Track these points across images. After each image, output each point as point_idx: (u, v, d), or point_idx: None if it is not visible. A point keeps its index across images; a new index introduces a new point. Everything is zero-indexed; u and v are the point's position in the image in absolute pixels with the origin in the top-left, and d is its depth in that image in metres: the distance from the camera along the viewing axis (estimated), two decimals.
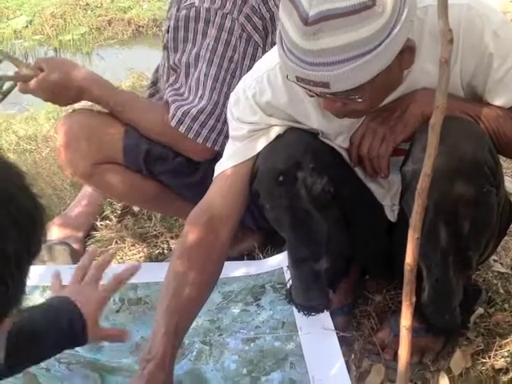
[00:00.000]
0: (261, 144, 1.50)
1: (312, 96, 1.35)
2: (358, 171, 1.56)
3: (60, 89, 1.80)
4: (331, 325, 1.64)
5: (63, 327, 1.30)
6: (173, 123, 1.76)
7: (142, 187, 1.90)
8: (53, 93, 1.81)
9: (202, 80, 1.77)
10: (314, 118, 1.49)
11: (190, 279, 1.47)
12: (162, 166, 1.86)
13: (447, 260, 1.46)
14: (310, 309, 1.67)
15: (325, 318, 1.65)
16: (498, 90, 1.40)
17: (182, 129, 1.76)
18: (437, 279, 1.49)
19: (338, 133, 1.52)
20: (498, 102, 1.41)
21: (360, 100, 1.30)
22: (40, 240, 0.73)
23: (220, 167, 1.54)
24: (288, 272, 1.76)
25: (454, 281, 1.50)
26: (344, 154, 1.54)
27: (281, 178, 1.47)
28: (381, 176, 1.49)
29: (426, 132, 1.08)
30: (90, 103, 1.92)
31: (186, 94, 1.78)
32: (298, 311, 1.68)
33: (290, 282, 1.70)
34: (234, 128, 1.53)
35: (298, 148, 1.47)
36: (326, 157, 1.51)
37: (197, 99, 1.77)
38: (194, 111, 1.76)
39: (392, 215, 1.61)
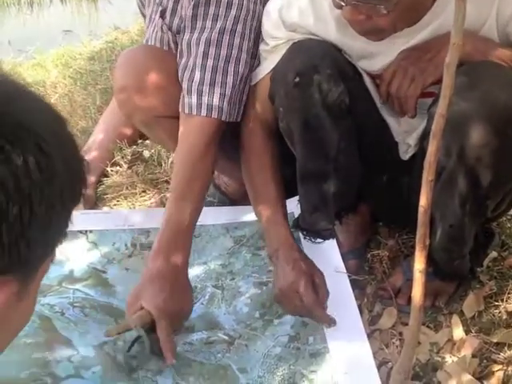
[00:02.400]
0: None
1: (339, 7, 1.36)
2: (376, 99, 1.55)
3: None
4: (343, 268, 1.64)
5: None
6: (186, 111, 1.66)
7: None
8: None
9: None
10: (337, 39, 1.50)
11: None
12: None
13: (464, 207, 1.44)
14: (315, 234, 1.66)
15: (337, 260, 1.64)
16: None
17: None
18: (450, 225, 1.47)
19: (360, 56, 1.52)
20: None
21: (385, 12, 1.31)
22: (81, 185, 0.72)
23: (257, 76, 1.65)
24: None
25: (467, 228, 1.49)
26: (365, 76, 1.53)
27: (297, 79, 1.46)
28: (408, 116, 1.48)
29: (457, 76, 1.07)
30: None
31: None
32: (304, 238, 1.67)
33: (299, 209, 1.69)
34: (262, 42, 1.61)
35: (317, 52, 1.48)
36: (346, 68, 1.51)
37: None
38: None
39: (405, 155, 1.60)
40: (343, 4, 1.35)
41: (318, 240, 1.67)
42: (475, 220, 1.49)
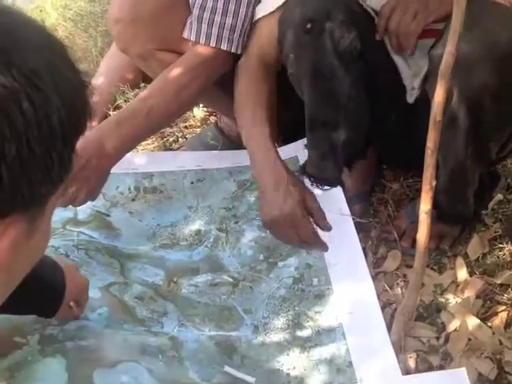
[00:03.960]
0: None
1: None
2: (388, 44, 1.51)
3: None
4: (348, 211, 1.63)
5: (42, 282, 1.22)
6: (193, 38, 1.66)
7: None
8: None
9: None
10: None
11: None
12: None
13: (466, 150, 1.43)
14: (323, 181, 1.65)
15: (342, 203, 1.64)
16: None
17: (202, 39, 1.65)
18: (452, 169, 1.46)
19: None
20: None
21: None
22: (85, 117, 0.69)
23: (259, 13, 1.61)
24: (302, 159, 1.74)
25: (470, 171, 1.48)
26: (376, 19, 1.49)
27: (308, 26, 1.43)
28: (407, 54, 1.45)
29: None
30: None
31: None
32: (311, 184, 1.67)
33: (306, 155, 1.68)
34: None
35: None
36: (358, 13, 1.47)
37: None
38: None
39: (411, 98, 1.57)
40: None
41: (326, 187, 1.66)
42: (478, 163, 1.48)
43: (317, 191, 1.62)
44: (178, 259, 1.65)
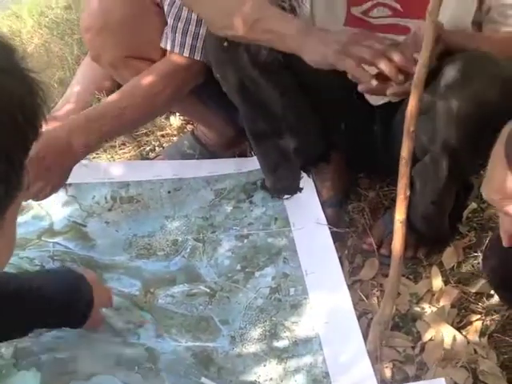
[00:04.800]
0: None
1: None
2: None
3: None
4: (324, 220, 1.64)
5: (74, 296, 1.30)
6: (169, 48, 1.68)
7: None
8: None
9: None
10: None
11: None
12: None
13: (446, 185, 1.46)
14: (281, 190, 1.65)
15: (318, 212, 1.64)
16: None
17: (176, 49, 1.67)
18: (432, 201, 1.50)
19: None
20: None
21: None
22: (36, 129, 0.66)
23: None
24: None
25: (448, 200, 1.52)
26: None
27: (225, 44, 1.45)
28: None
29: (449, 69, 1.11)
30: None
31: None
32: (272, 196, 1.67)
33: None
34: None
35: None
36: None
37: None
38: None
39: (374, 98, 1.52)
40: None
41: (286, 196, 1.67)
42: (456, 188, 1.51)
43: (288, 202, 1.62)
44: (154, 269, 1.64)
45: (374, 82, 1.26)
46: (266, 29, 1.35)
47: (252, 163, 1.91)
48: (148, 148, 2.04)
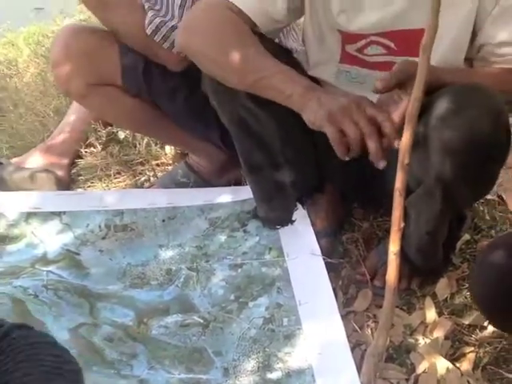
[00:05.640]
0: None
1: None
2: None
3: None
4: (319, 250, 1.65)
5: None
6: (148, 31, 1.70)
7: (139, 111, 1.86)
8: None
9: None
10: None
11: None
12: (162, 84, 1.81)
13: (440, 217, 1.46)
14: (274, 221, 1.64)
15: (312, 243, 1.65)
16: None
17: (157, 38, 1.70)
18: (427, 231, 1.49)
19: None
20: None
21: None
22: None
23: None
24: None
25: (442, 231, 1.52)
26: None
27: None
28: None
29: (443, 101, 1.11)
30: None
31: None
32: (264, 226, 1.66)
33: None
34: None
35: None
36: (274, 52, 1.40)
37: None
38: (169, 24, 1.70)
39: None
40: None
41: (277, 227, 1.67)
42: (448, 221, 1.51)
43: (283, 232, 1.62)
44: (148, 299, 1.63)
45: (347, 158, 1.29)
46: (270, 87, 1.35)
47: (247, 192, 1.92)
48: (143, 178, 2.05)
